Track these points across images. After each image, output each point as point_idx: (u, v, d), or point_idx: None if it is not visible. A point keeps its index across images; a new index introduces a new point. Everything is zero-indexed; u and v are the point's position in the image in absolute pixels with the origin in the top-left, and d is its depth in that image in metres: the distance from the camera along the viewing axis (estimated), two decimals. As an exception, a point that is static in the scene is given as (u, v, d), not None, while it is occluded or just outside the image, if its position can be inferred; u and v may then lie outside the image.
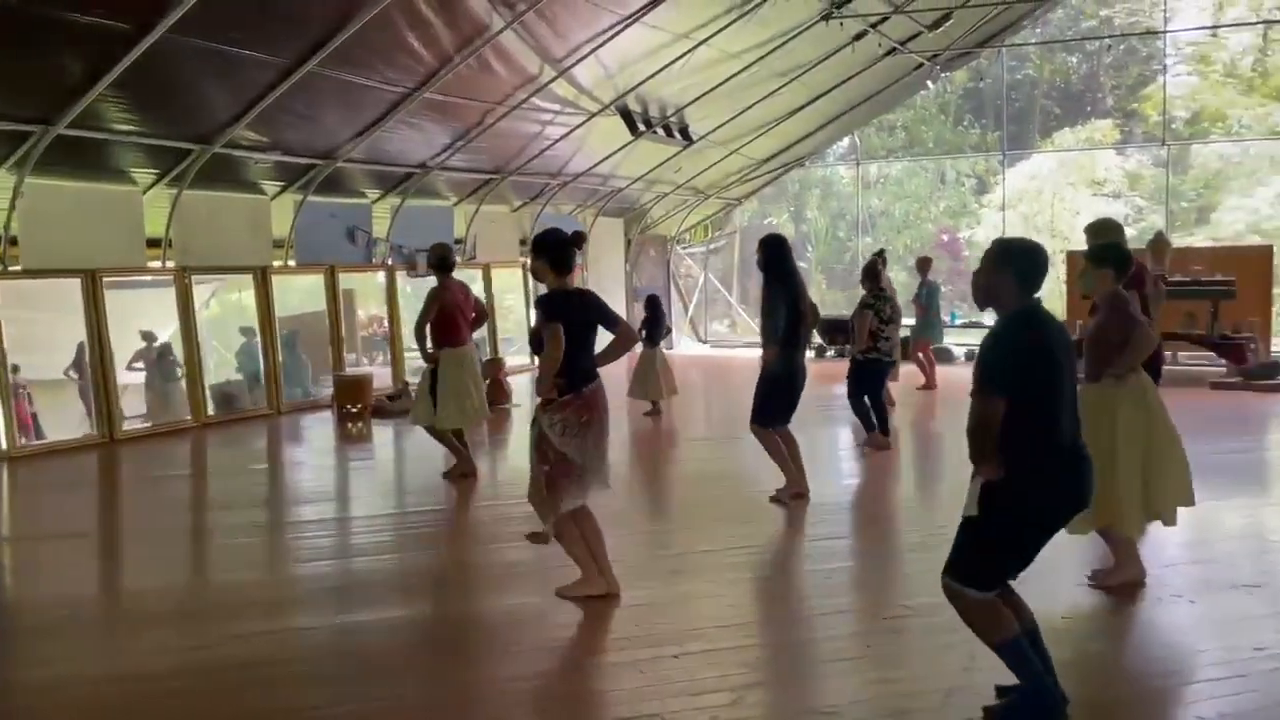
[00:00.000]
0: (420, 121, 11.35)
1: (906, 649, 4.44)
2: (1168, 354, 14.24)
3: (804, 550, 6.16)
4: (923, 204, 22.41)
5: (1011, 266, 3.47)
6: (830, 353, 17.15)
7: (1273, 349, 14.14)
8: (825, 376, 11.79)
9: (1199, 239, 19.11)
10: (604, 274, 18.15)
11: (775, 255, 6.81)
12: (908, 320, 13.21)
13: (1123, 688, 4.07)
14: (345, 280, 12.91)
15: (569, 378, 4.73)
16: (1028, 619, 3.60)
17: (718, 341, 20.71)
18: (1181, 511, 5.13)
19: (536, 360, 5.02)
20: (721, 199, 19.67)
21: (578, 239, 4.97)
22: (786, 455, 6.89)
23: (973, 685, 3.81)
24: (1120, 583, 4.97)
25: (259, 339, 11.70)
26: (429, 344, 7.75)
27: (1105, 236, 5.52)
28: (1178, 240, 16.63)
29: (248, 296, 11.88)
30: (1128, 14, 20.93)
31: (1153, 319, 4.99)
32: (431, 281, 7.95)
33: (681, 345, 20.23)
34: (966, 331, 16.69)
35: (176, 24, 7.61)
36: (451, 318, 7.74)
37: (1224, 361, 13.21)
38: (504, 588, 5.43)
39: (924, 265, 13.54)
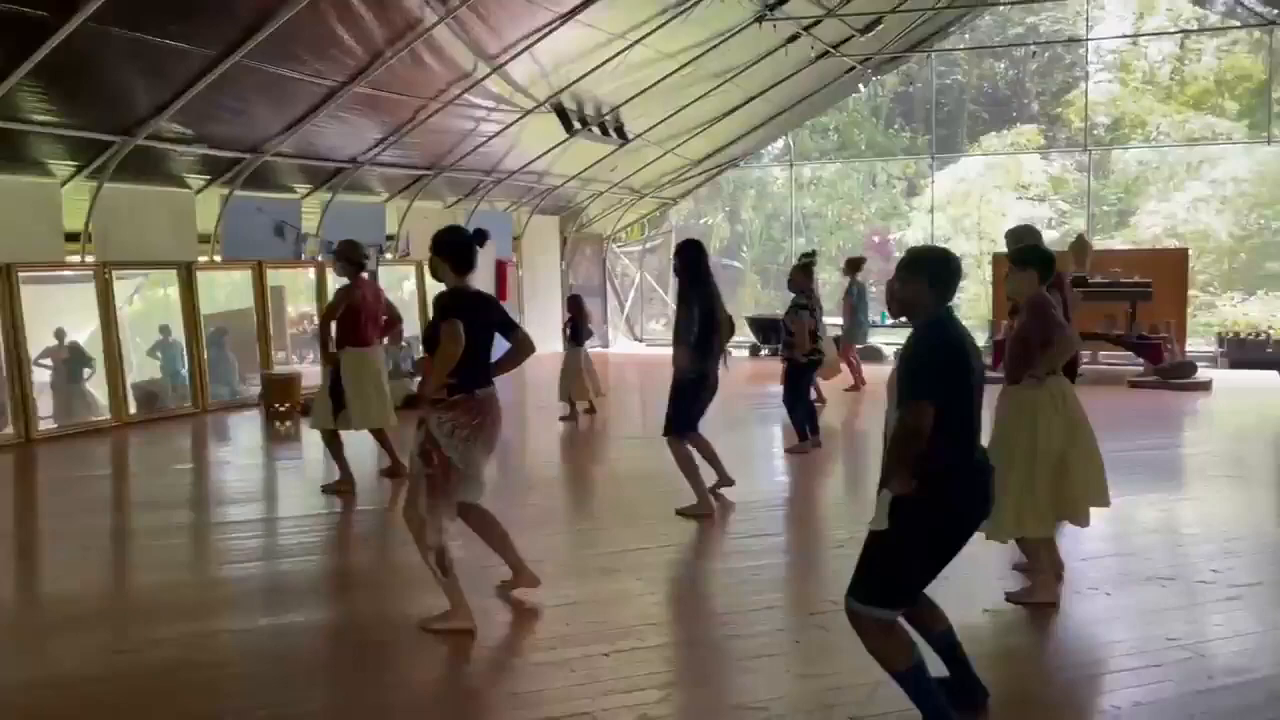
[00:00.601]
0: (351, 116, 11.19)
1: (833, 644, 4.48)
2: (1087, 354, 14.72)
3: (734, 548, 6.21)
4: (855, 205, 22.73)
5: (925, 275, 3.43)
6: (764, 352, 17.32)
7: (1187, 349, 14.64)
8: (759, 376, 11.91)
9: (1119, 242, 19.69)
10: (539, 272, 18.11)
11: (692, 260, 6.66)
12: (838, 320, 13.40)
13: (1042, 680, 4.18)
14: (274, 277, 12.67)
15: (462, 379, 4.54)
16: (943, 624, 3.63)
17: (653, 340, 20.77)
18: (1099, 507, 5.25)
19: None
20: (657, 198, 19.74)
21: (480, 237, 4.85)
22: (698, 473, 6.70)
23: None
24: (1037, 602, 4.85)
25: (177, 337, 11.42)
26: (331, 345, 7.43)
27: (1025, 242, 5.59)
28: (1099, 243, 17.13)
29: (175, 292, 11.60)
30: (1052, 22, 21.47)
31: (1071, 321, 5.05)
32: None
33: (617, 344, 20.28)
34: (895, 331, 16.97)
35: (96, 12, 7.40)
36: (357, 318, 7.41)
37: (1141, 361, 13.64)
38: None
39: (854, 266, 13.72)
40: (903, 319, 3.57)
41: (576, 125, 13.53)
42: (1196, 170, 20.42)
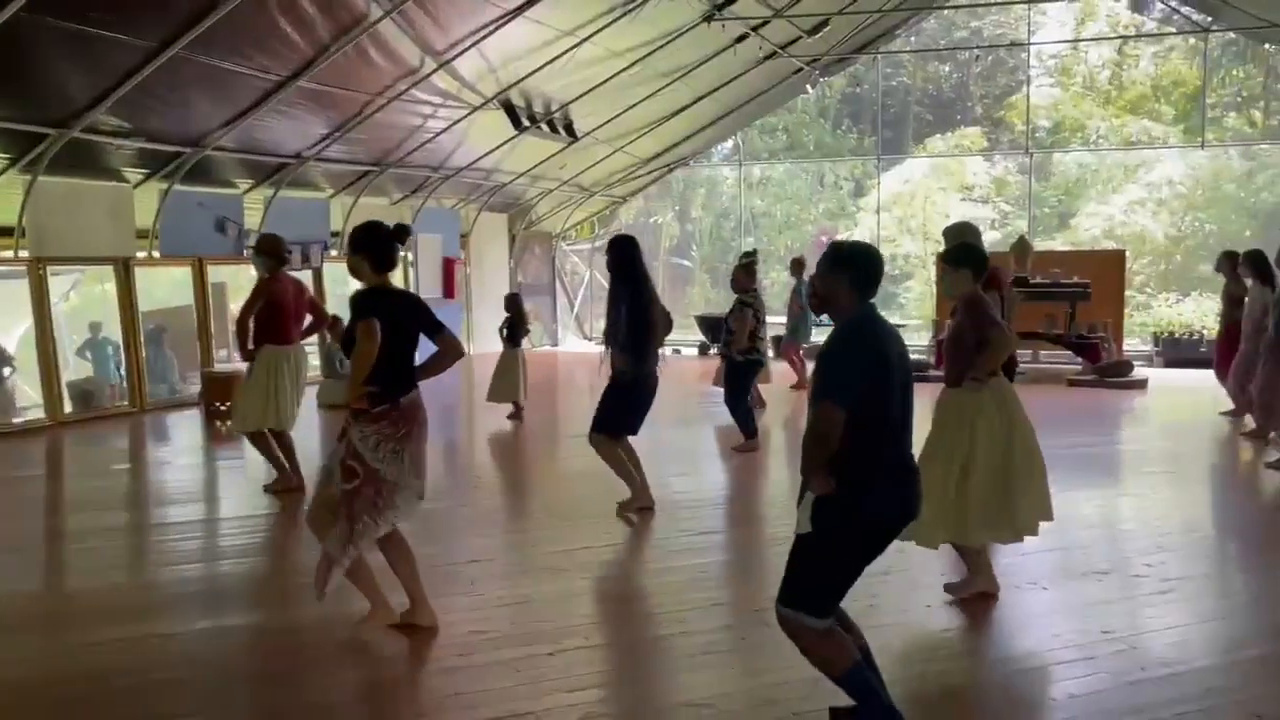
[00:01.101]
0: (295, 111, 11.02)
1: (776, 640, 4.44)
2: (1028, 353, 15.00)
3: (679, 546, 6.21)
4: (803, 205, 22.93)
5: (846, 271, 3.36)
6: (713, 351, 17.38)
7: (1124, 348, 14.97)
8: (707, 374, 11.95)
9: (1059, 243, 20.09)
10: (487, 270, 18.01)
11: (625, 257, 6.39)
12: (784, 319, 13.51)
13: (980, 673, 4.24)
14: (215, 273, 12.45)
15: (384, 386, 4.28)
16: (858, 637, 3.55)
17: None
18: (1045, 521, 5.24)
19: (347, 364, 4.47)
20: (607, 197, 19.73)
21: (400, 233, 4.63)
22: (629, 467, 6.55)
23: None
24: (973, 594, 4.88)
25: (109, 334, 11.17)
26: (249, 342, 7.16)
27: (963, 238, 5.44)
28: (1039, 244, 17.45)
29: (113, 289, 11.35)
30: (995, 26, 21.84)
31: (1010, 320, 5.02)
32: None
33: (567, 343, 20.23)
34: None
35: (31, 1, 7.21)
36: (277, 314, 7.12)
37: (1080, 360, 13.92)
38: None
39: (800, 266, 13.81)
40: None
41: (525, 122, 13.49)
42: (1134, 173, 20.91)
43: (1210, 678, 4.04)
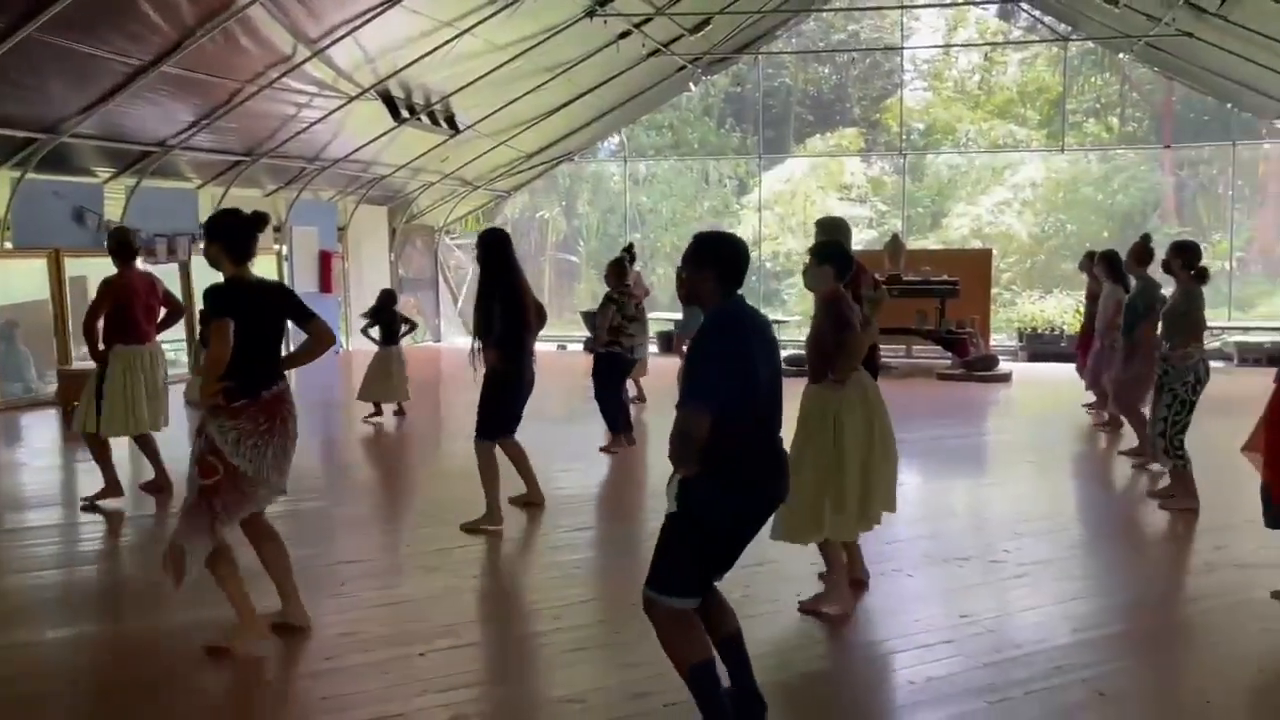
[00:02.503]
0: (159, 97, 10.57)
1: (650, 634, 4.50)
2: (901, 348, 15.50)
3: (555, 542, 6.21)
4: (689, 203, 23.17)
5: (710, 262, 3.34)
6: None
7: (991, 343, 15.62)
8: (586, 371, 11.95)
9: (931, 242, 20.81)
10: (366, 264, 17.64)
11: (496, 252, 6.23)
12: (677, 315, 13.61)
13: (844, 659, 4.37)
14: (74, 266, 11.84)
15: (244, 380, 4.13)
16: (732, 626, 3.57)
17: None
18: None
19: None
20: (490, 191, 19.55)
21: (259, 220, 4.40)
22: (496, 485, 6.26)
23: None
24: (829, 610, 4.75)
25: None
26: (100, 342, 6.76)
27: (833, 234, 5.45)
28: (913, 243, 18.06)
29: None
30: (872, 30, 22.46)
31: (871, 319, 5.05)
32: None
33: (450, 339, 19.97)
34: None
35: None
36: (128, 312, 6.75)
37: (949, 354, 14.45)
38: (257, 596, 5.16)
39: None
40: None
41: (404, 114, 13.26)
42: (1001, 175, 21.81)
43: (1060, 656, 4.25)
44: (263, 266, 15.00)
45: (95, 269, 12.74)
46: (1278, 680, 4.19)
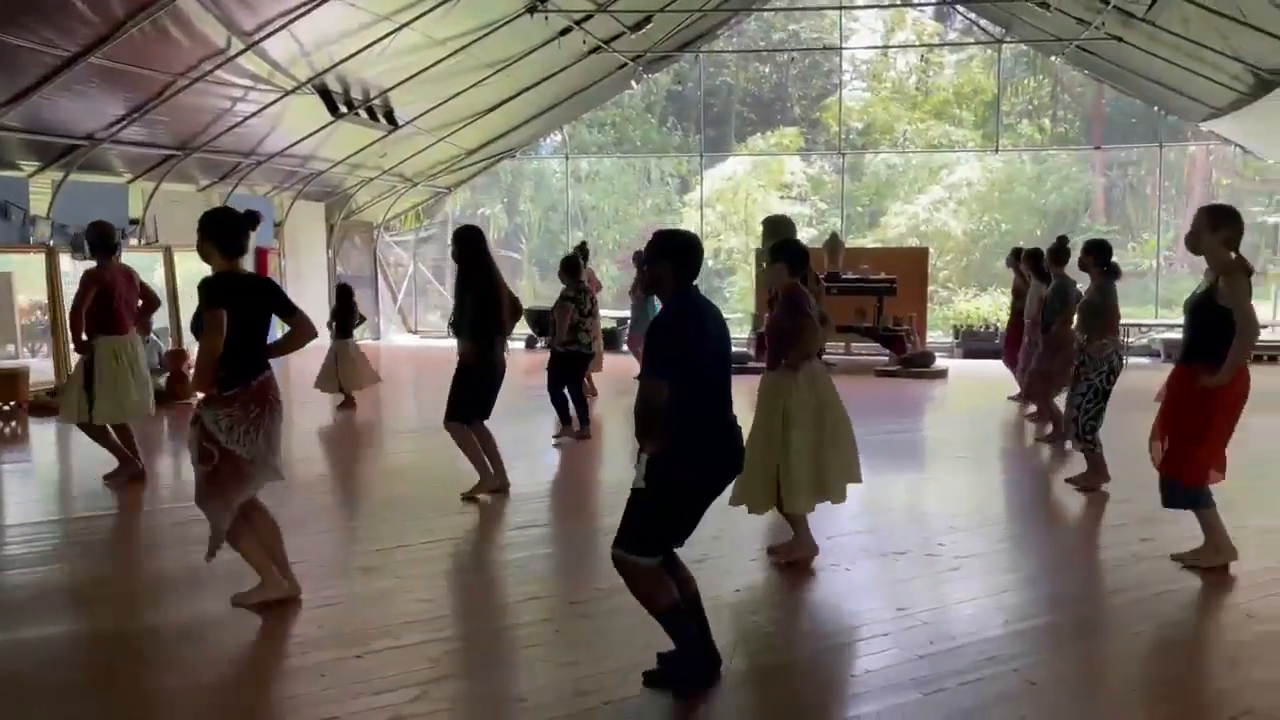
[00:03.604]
0: (88, 89, 10.28)
1: (593, 632, 4.57)
2: (840, 345, 15.67)
3: (500, 540, 6.19)
4: (631, 200, 23.19)
5: (669, 257, 3.74)
6: (540, 344, 17.35)
7: (927, 340, 15.86)
8: (535, 368, 11.91)
9: (869, 240, 21.08)
10: (304, 260, 17.39)
11: (471, 248, 6.67)
12: (623, 313, 13.62)
13: (783, 652, 4.40)
14: (-1, 262, 11.51)
15: (234, 369, 4.45)
16: (691, 589, 3.92)
17: (429, 332, 20.39)
18: (850, 485, 5.58)
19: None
20: (430, 187, 19.37)
21: (252, 219, 4.70)
22: (481, 452, 6.80)
23: (652, 663, 3.98)
24: (794, 558, 5.39)
25: None
26: (83, 333, 7.06)
27: (779, 232, 5.90)
28: (852, 241, 18.28)
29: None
30: (812, 30, 22.68)
31: (828, 317, 5.49)
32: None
33: (390, 336, 19.76)
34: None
35: None
36: (109, 304, 7.06)
37: (887, 351, 14.66)
38: (178, 596, 5.06)
39: (640, 258, 13.94)
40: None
41: (342, 108, 13.07)
42: (937, 175, 22.17)
43: (992, 647, 4.34)
44: (198, 264, 14.88)
45: (20, 265, 12.44)
46: (1200, 667, 4.32)
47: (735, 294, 21.74)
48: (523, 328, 17.99)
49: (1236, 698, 3.93)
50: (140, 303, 7.38)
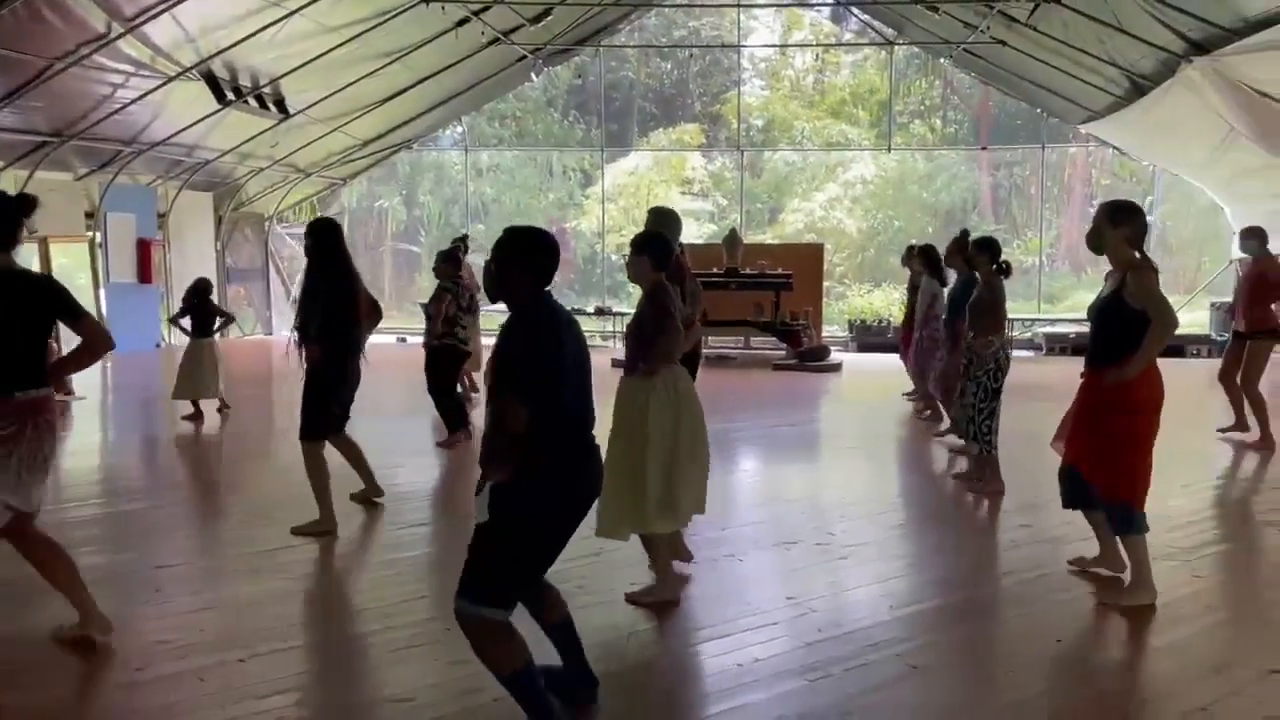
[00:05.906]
0: (-47, 71, 9.78)
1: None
2: (740, 339, 15.88)
3: (385, 541, 6.06)
4: (533, 194, 23.05)
5: (521, 257, 3.26)
6: (407, 340, 17.13)
7: (823, 334, 16.20)
8: (410, 363, 11.71)
9: (769, 237, 21.39)
10: (190, 253, 16.81)
11: (326, 244, 5.91)
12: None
13: (672, 645, 4.43)
14: None
15: None
16: (562, 613, 3.64)
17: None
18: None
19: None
20: (325, 178, 18.94)
21: (24, 204, 4.01)
22: (326, 487, 5.98)
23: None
24: (657, 601, 4.76)
25: None
26: None
27: (663, 224, 5.44)
28: (751, 238, 18.51)
29: None
30: (712, 28, 22.88)
31: (693, 311, 5.06)
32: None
33: (283, 331, 19.24)
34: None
35: None
36: None
37: (784, 345, 14.91)
38: (29, 604, 4.83)
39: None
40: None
41: (230, 96, 12.68)
42: (833, 173, 22.62)
43: (876, 633, 4.44)
44: (75, 255, 14.15)
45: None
46: (1075, 648, 4.50)
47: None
48: (422, 322, 17.78)
49: (1113, 673, 4.11)
50: None
